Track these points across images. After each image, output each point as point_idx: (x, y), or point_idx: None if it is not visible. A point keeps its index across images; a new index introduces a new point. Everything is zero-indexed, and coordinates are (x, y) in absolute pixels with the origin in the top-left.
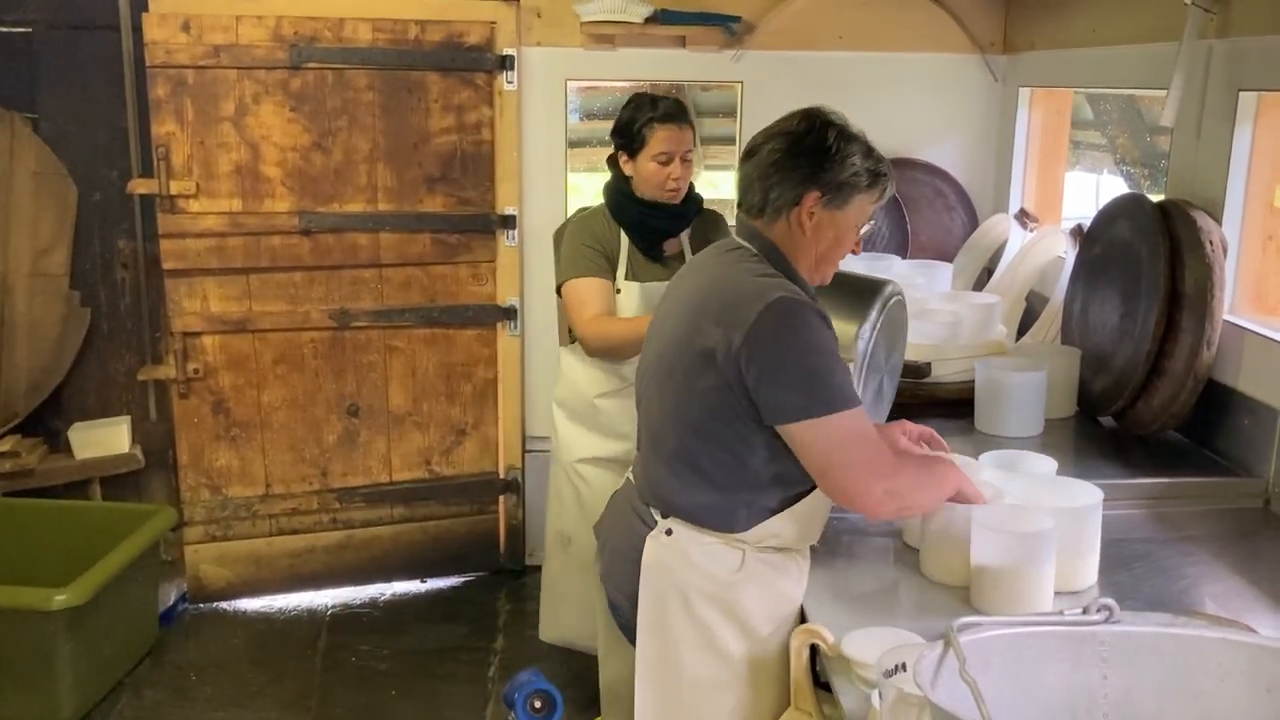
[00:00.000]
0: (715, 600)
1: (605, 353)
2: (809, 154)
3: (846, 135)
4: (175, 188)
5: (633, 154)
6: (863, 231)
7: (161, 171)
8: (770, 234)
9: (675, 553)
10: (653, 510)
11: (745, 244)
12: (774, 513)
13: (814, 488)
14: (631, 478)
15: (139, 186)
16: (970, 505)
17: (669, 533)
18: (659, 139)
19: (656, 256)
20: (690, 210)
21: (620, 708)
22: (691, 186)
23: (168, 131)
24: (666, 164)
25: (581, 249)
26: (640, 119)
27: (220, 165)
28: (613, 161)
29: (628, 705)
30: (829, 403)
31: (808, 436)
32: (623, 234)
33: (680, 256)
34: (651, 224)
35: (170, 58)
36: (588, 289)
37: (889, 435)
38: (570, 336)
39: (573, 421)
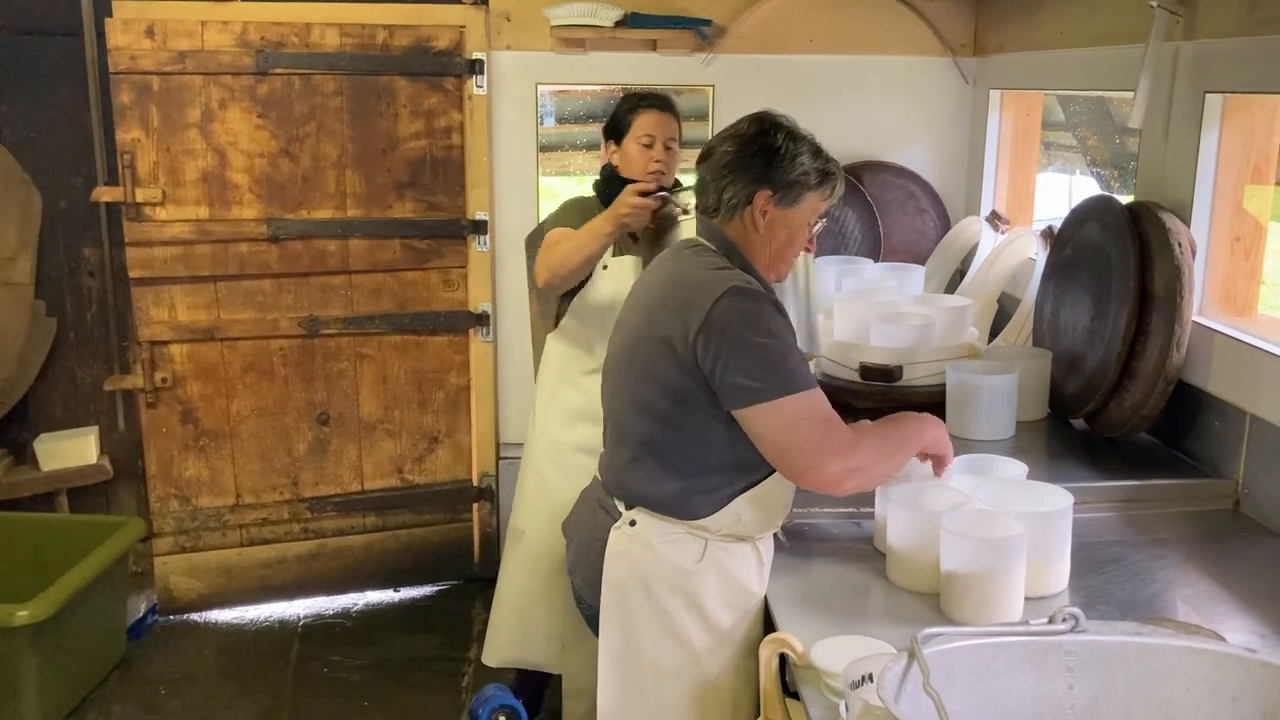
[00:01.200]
0: (677, 590)
1: (554, 272)
2: (760, 155)
3: (795, 136)
4: (141, 195)
5: (619, 140)
6: (815, 229)
7: (127, 179)
8: (727, 232)
9: (639, 543)
10: (617, 501)
11: (705, 241)
12: (733, 499)
13: (774, 472)
14: (598, 473)
15: (104, 194)
16: (937, 510)
17: (633, 524)
18: (642, 122)
19: (637, 237)
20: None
21: (583, 700)
22: (678, 183)
23: (133, 138)
24: (650, 146)
25: (567, 213)
26: (626, 106)
27: (187, 172)
28: (606, 169)
29: (591, 697)
30: (782, 386)
31: (762, 420)
32: None
33: None
34: None
35: (135, 64)
36: (562, 234)
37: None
38: (555, 321)
39: (554, 401)
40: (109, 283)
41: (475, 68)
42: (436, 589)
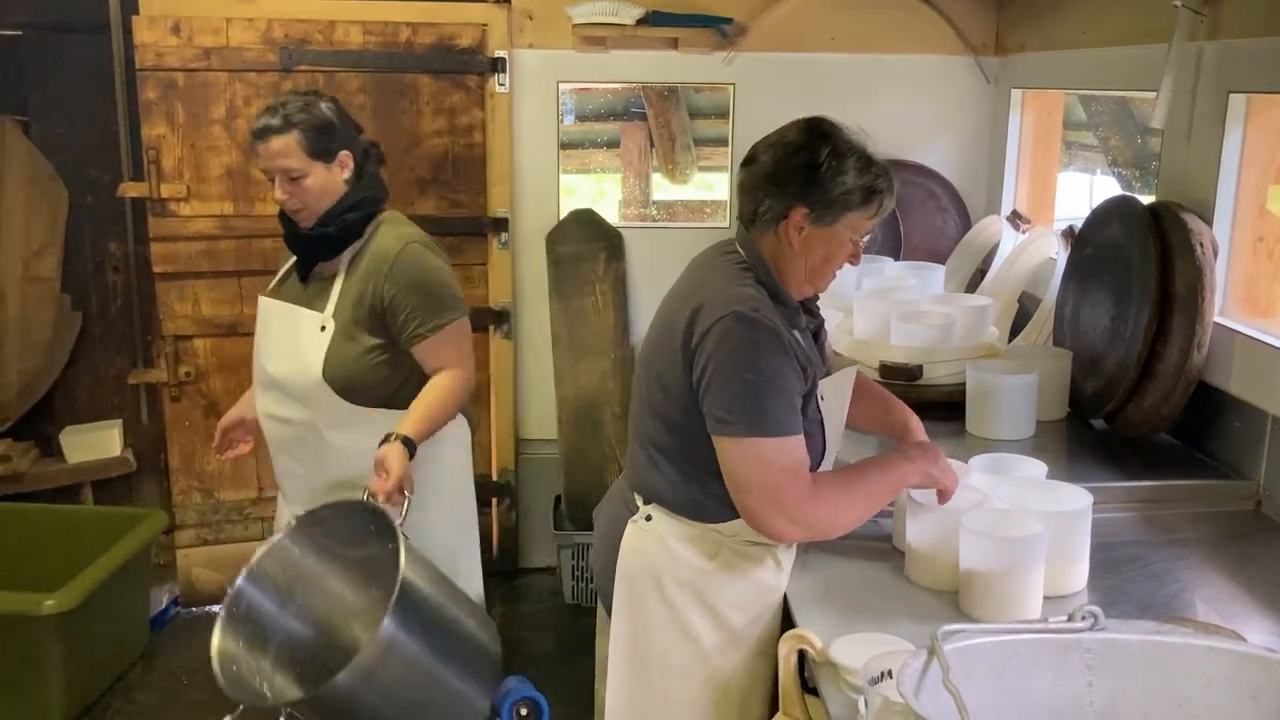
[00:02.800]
0: (688, 587)
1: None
2: (800, 170)
3: (840, 151)
4: (166, 191)
5: None
6: (862, 243)
7: (152, 174)
8: (761, 244)
9: (653, 538)
10: (636, 496)
11: (739, 249)
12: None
13: None
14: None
15: (129, 190)
16: (957, 509)
17: (648, 519)
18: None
19: (303, 276)
20: (332, 233)
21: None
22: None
23: (158, 134)
24: (272, 181)
25: None
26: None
27: (211, 168)
28: None
29: None
30: (751, 424)
31: (724, 451)
32: None
33: (334, 280)
34: (291, 244)
35: (160, 60)
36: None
37: (894, 416)
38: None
39: None
40: (134, 277)
41: (497, 66)
42: None
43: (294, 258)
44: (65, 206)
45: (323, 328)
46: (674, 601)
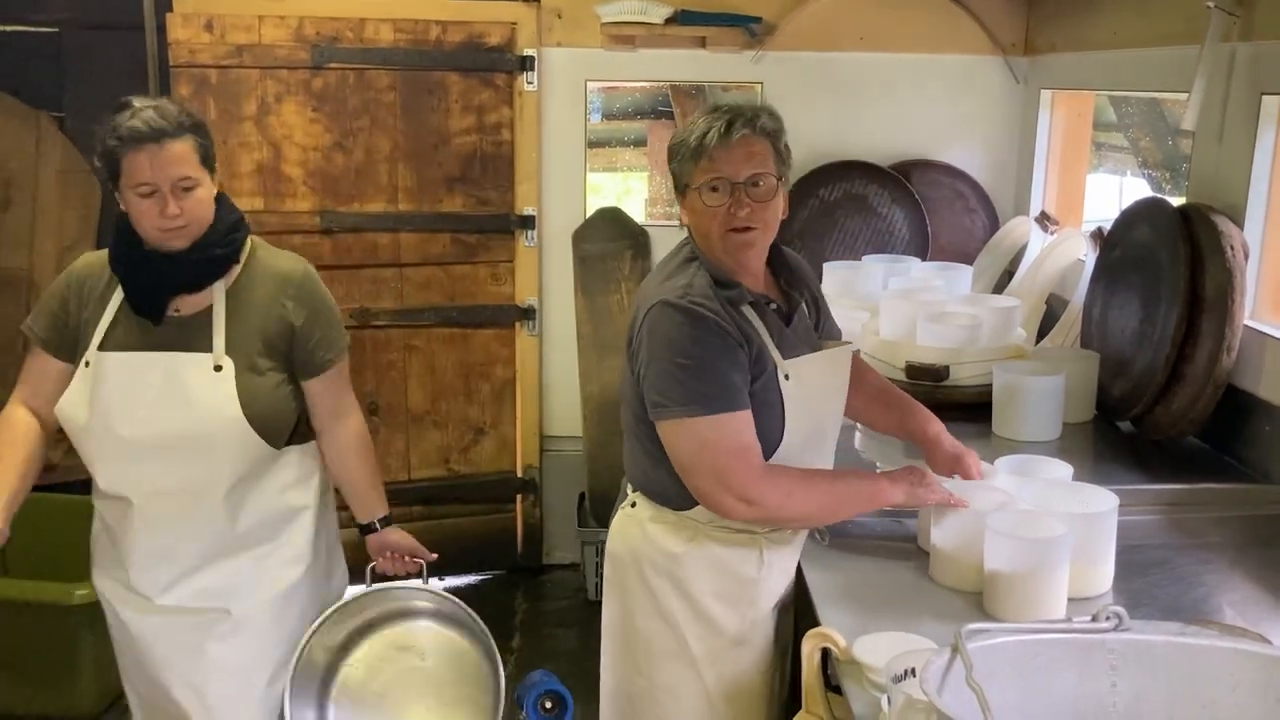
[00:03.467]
0: (665, 573)
1: None
2: (671, 150)
3: (695, 117)
4: None
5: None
6: (715, 202)
7: None
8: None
9: (635, 523)
10: (627, 484)
11: (690, 241)
12: None
13: None
14: None
15: None
16: (982, 509)
17: (634, 505)
18: (128, 167)
19: (156, 316)
20: (220, 254)
21: None
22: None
23: None
24: (149, 195)
25: (44, 302)
26: (111, 143)
27: (242, 164)
28: (120, 218)
29: None
30: (686, 405)
31: (666, 436)
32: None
33: (208, 314)
34: (141, 277)
35: (193, 57)
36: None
37: (930, 452)
38: None
39: None
40: None
41: (526, 64)
42: (480, 578)
43: (118, 300)
44: (98, 201)
45: (218, 368)
46: (653, 586)
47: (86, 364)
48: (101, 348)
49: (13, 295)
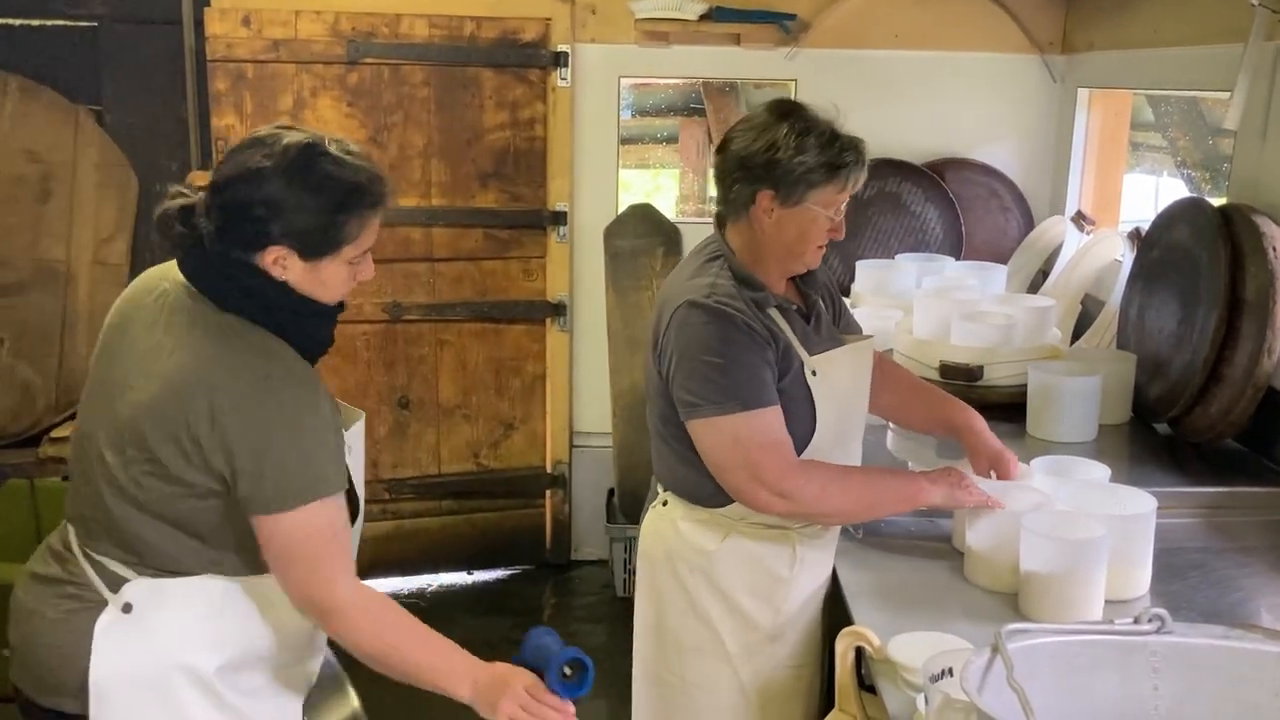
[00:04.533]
0: (699, 570)
1: None
2: (763, 152)
3: (803, 129)
4: None
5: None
6: (837, 217)
7: None
8: (734, 230)
9: (666, 521)
10: (657, 483)
11: (716, 239)
12: None
13: None
14: None
15: (198, 178)
16: (1018, 510)
17: (665, 503)
18: (366, 229)
19: None
20: None
21: None
22: None
23: (227, 124)
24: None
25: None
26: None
27: None
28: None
29: None
30: (718, 404)
31: (698, 434)
32: None
33: None
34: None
35: (230, 52)
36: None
37: (970, 447)
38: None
39: None
40: None
41: (560, 60)
42: (509, 573)
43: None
44: (135, 194)
45: None
46: (686, 584)
47: None
48: None
49: (51, 286)
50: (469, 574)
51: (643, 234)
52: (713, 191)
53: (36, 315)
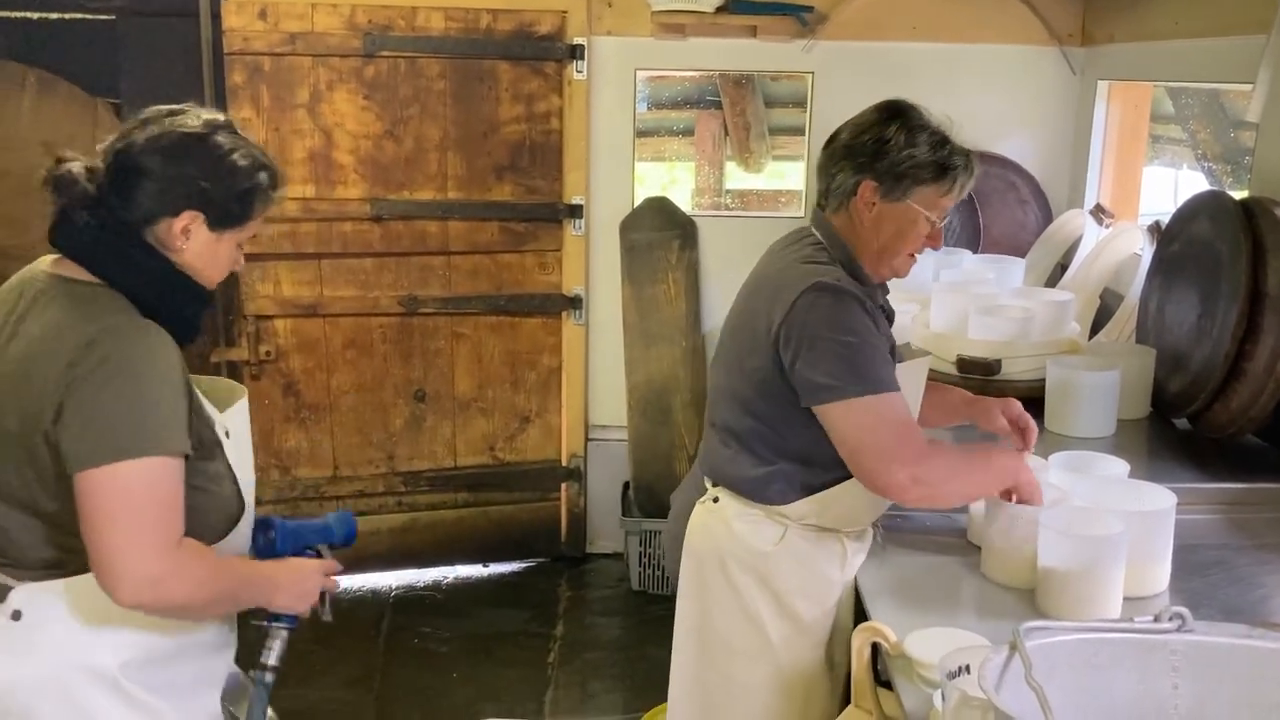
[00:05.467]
0: (751, 570)
1: None
2: (870, 144)
3: (913, 126)
4: None
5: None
6: (938, 224)
7: None
8: (834, 222)
9: (718, 519)
10: (706, 479)
11: (814, 231)
12: (814, 491)
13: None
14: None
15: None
16: (1032, 507)
17: (715, 500)
18: (259, 212)
19: None
20: None
21: None
22: None
23: (244, 118)
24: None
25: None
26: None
27: (294, 151)
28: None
29: None
30: (858, 385)
31: (835, 417)
32: None
33: None
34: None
35: (247, 45)
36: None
37: (985, 408)
38: None
39: None
40: None
41: (576, 53)
42: (524, 565)
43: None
44: None
45: None
46: (737, 584)
47: None
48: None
49: None
50: (484, 566)
51: (659, 227)
52: (730, 184)
53: None
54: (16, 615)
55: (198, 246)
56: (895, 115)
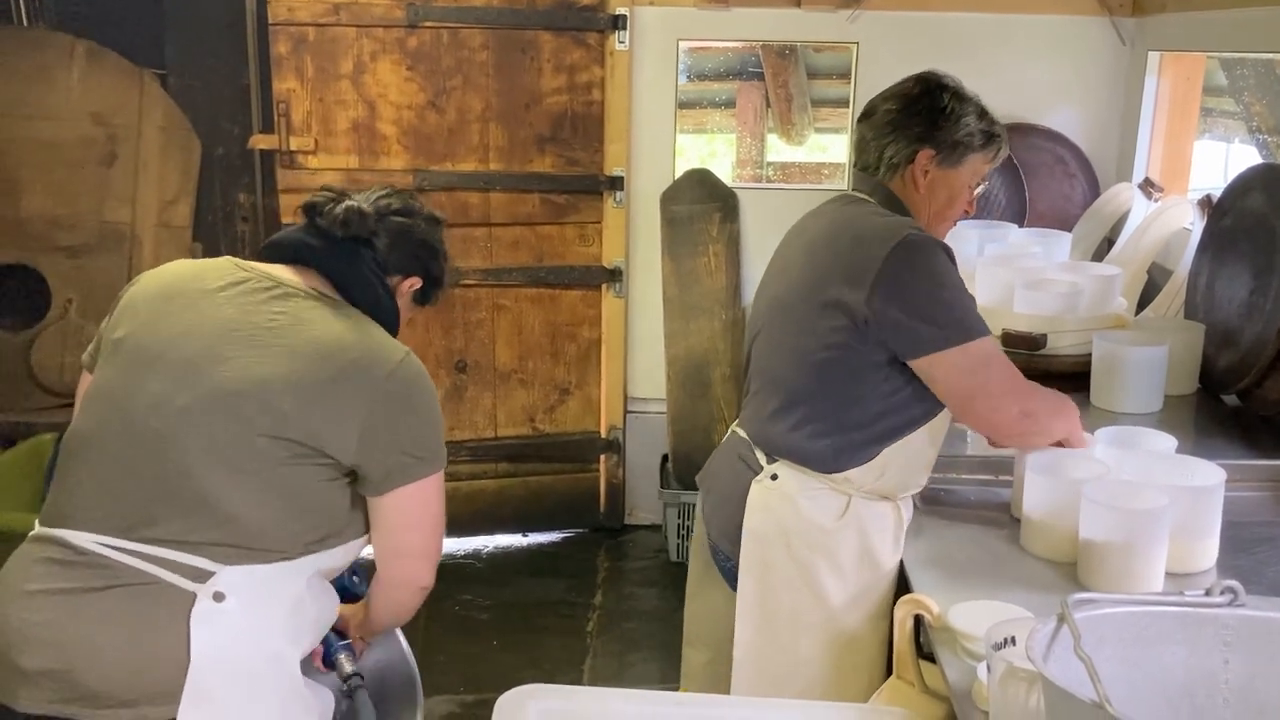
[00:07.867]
0: (817, 547)
1: None
2: (924, 114)
3: (961, 96)
4: (295, 143)
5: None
6: (976, 192)
7: (282, 127)
8: (891, 188)
9: (779, 496)
10: (759, 453)
11: (866, 196)
12: (875, 454)
13: (921, 427)
14: (737, 429)
15: (260, 142)
16: (1078, 479)
17: (774, 477)
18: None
19: None
20: None
21: (703, 650)
22: None
23: (288, 88)
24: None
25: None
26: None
27: (338, 122)
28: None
29: (709, 643)
30: (965, 332)
31: (946, 365)
32: None
33: None
34: None
35: (292, 15)
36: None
37: None
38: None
39: None
40: (261, 227)
41: (618, 23)
42: (563, 536)
43: None
44: (198, 157)
45: None
46: (803, 559)
47: None
48: None
49: (117, 248)
50: (524, 536)
51: (699, 199)
52: (771, 157)
53: (103, 276)
54: (219, 596)
55: (406, 303)
56: (942, 86)
